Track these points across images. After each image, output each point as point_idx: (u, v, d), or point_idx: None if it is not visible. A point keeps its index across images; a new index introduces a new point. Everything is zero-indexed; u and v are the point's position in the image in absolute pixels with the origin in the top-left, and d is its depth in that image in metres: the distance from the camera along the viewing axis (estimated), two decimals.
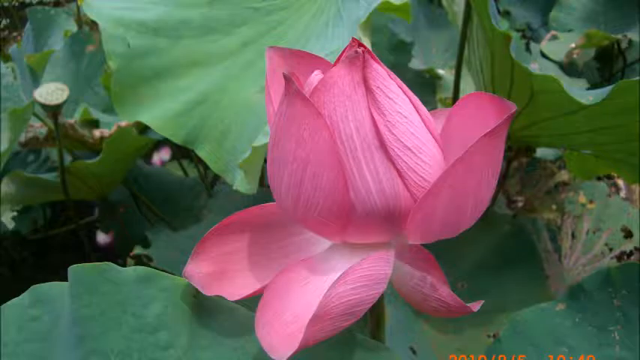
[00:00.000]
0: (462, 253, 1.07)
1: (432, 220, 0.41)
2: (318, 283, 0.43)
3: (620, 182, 1.24)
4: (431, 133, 0.43)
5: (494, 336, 0.97)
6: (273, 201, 0.46)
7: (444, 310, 0.43)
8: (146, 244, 1.17)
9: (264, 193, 0.96)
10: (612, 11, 2.05)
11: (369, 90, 0.41)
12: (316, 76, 0.44)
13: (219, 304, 0.46)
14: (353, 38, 0.42)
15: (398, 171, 0.41)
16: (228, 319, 0.46)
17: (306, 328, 0.38)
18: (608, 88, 0.70)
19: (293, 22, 0.92)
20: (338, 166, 0.40)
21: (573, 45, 1.76)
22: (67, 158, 1.39)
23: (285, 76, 0.39)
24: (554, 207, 1.23)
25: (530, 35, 2.21)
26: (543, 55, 1.87)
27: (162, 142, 1.89)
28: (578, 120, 0.81)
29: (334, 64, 0.42)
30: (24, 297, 0.46)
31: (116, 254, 1.52)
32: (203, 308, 0.46)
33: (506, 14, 2.25)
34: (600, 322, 0.62)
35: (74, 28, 1.84)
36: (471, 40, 1.03)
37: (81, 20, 1.93)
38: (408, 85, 0.44)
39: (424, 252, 0.47)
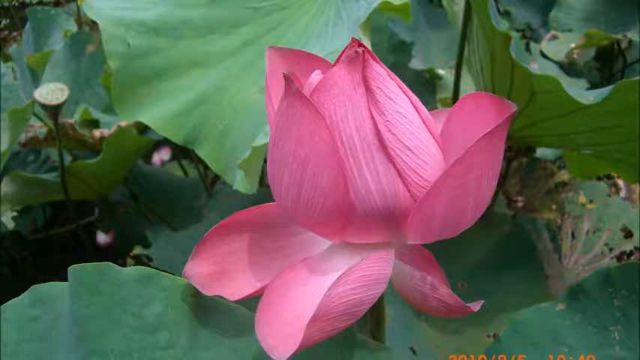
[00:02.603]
0: (462, 253, 1.07)
1: (432, 220, 0.41)
2: (318, 283, 0.43)
3: (620, 182, 1.24)
4: (431, 133, 0.43)
5: (494, 336, 0.97)
6: (273, 201, 0.46)
7: (444, 310, 0.43)
8: (146, 244, 1.17)
9: (264, 193, 0.96)
10: (612, 11, 2.04)
11: (369, 90, 0.41)
12: (316, 76, 0.44)
13: (219, 304, 0.46)
14: (353, 38, 0.42)
15: (398, 171, 0.41)
16: (228, 319, 0.46)
17: (306, 329, 0.38)
18: (608, 88, 0.70)
19: (293, 22, 0.92)
20: (338, 166, 0.40)
21: (573, 45, 1.76)
22: (67, 158, 1.39)
23: (285, 76, 0.39)
24: (554, 207, 1.23)
25: (530, 35, 2.21)
26: (543, 55, 1.87)
27: (162, 142, 1.89)
28: (578, 120, 0.81)
29: (334, 64, 0.42)
30: (24, 297, 0.46)
31: (116, 254, 1.52)
32: (203, 308, 0.46)
33: (506, 14, 2.25)
34: (600, 322, 0.62)
35: (74, 28, 1.84)
36: (471, 40, 1.03)
37: (81, 20, 1.92)
38: (408, 85, 0.44)
39: (424, 252, 0.47)
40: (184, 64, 0.90)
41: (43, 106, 1.06)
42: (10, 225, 1.56)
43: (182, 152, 1.83)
